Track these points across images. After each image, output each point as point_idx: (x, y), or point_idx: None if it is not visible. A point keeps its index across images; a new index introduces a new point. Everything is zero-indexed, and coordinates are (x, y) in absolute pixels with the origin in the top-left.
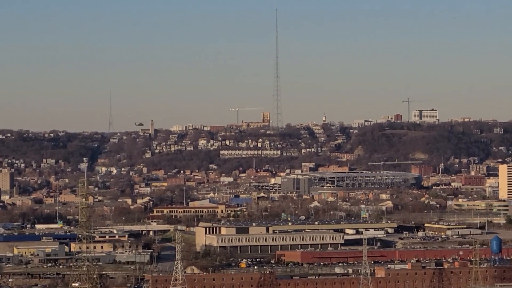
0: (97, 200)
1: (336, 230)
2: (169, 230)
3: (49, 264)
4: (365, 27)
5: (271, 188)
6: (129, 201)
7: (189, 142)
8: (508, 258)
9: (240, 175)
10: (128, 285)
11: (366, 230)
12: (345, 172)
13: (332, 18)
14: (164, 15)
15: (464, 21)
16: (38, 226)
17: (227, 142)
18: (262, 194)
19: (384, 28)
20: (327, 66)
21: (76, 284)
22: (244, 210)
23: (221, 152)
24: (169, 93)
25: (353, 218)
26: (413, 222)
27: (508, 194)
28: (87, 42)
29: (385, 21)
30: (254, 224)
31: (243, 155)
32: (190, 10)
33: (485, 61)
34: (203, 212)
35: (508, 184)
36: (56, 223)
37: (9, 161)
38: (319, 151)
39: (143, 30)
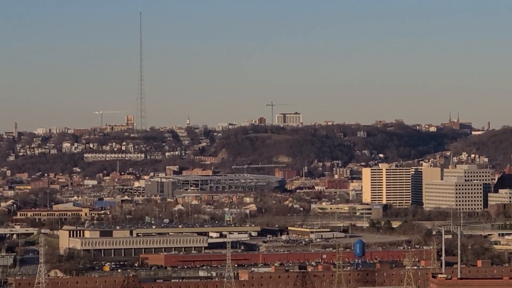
0: None
1: (200, 233)
2: (33, 233)
3: None
4: (227, 30)
5: (135, 191)
6: None
7: (53, 145)
8: (371, 262)
9: (104, 178)
10: None
11: (229, 233)
12: (209, 176)
13: (195, 21)
14: (30, 16)
15: (325, 24)
16: None
17: (91, 145)
18: (126, 197)
19: (247, 31)
20: (191, 69)
21: None
22: (108, 213)
23: (85, 155)
24: (32, 96)
25: (217, 221)
26: (276, 226)
27: (372, 198)
28: None
29: (247, 24)
30: (118, 227)
31: (107, 158)
32: (54, 11)
33: (347, 64)
34: (67, 215)
35: (372, 187)
36: None
37: None
38: (183, 154)
39: (7, 31)
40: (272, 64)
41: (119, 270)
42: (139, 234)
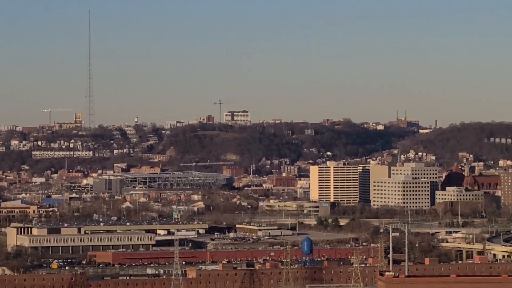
0: None
1: (147, 231)
2: None
3: None
4: (175, 28)
5: (83, 188)
6: None
7: (1, 142)
8: (318, 259)
9: (52, 175)
10: None
11: (177, 231)
12: (157, 173)
13: (143, 19)
14: None
15: (271, 22)
16: None
17: (39, 143)
18: (74, 195)
19: (195, 30)
20: (138, 67)
21: None
22: (56, 210)
23: (33, 152)
24: None
25: (164, 219)
26: (224, 223)
27: (319, 195)
28: None
29: (195, 23)
30: (65, 225)
31: (55, 156)
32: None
33: (295, 63)
34: (14, 212)
35: (319, 185)
36: None
37: None
38: (131, 152)
39: None
40: (219, 62)
41: (66, 268)
42: (87, 232)
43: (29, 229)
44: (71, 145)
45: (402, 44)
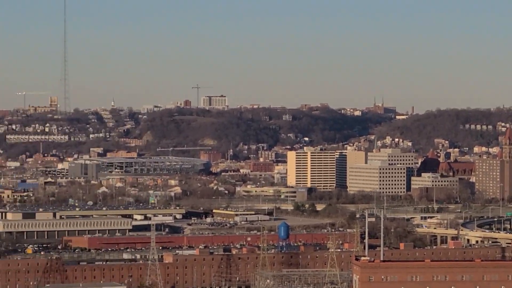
0: None
1: (124, 216)
2: None
3: None
4: (150, 12)
5: (58, 173)
6: None
7: None
8: (295, 244)
9: (27, 160)
10: None
11: (154, 216)
12: (133, 158)
13: (119, 2)
14: None
15: (247, 8)
16: None
17: (13, 127)
18: (49, 179)
19: (170, 14)
20: (115, 51)
21: None
22: (31, 195)
23: (8, 136)
24: None
25: (141, 204)
26: (201, 208)
27: (296, 181)
28: None
29: (168, 7)
30: (41, 210)
31: (30, 140)
32: None
33: (273, 47)
34: None
35: (296, 170)
36: None
37: None
38: (108, 136)
39: None
40: (197, 46)
41: (42, 253)
42: (62, 217)
43: (3, 214)
44: (46, 129)
45: (379, 31)
